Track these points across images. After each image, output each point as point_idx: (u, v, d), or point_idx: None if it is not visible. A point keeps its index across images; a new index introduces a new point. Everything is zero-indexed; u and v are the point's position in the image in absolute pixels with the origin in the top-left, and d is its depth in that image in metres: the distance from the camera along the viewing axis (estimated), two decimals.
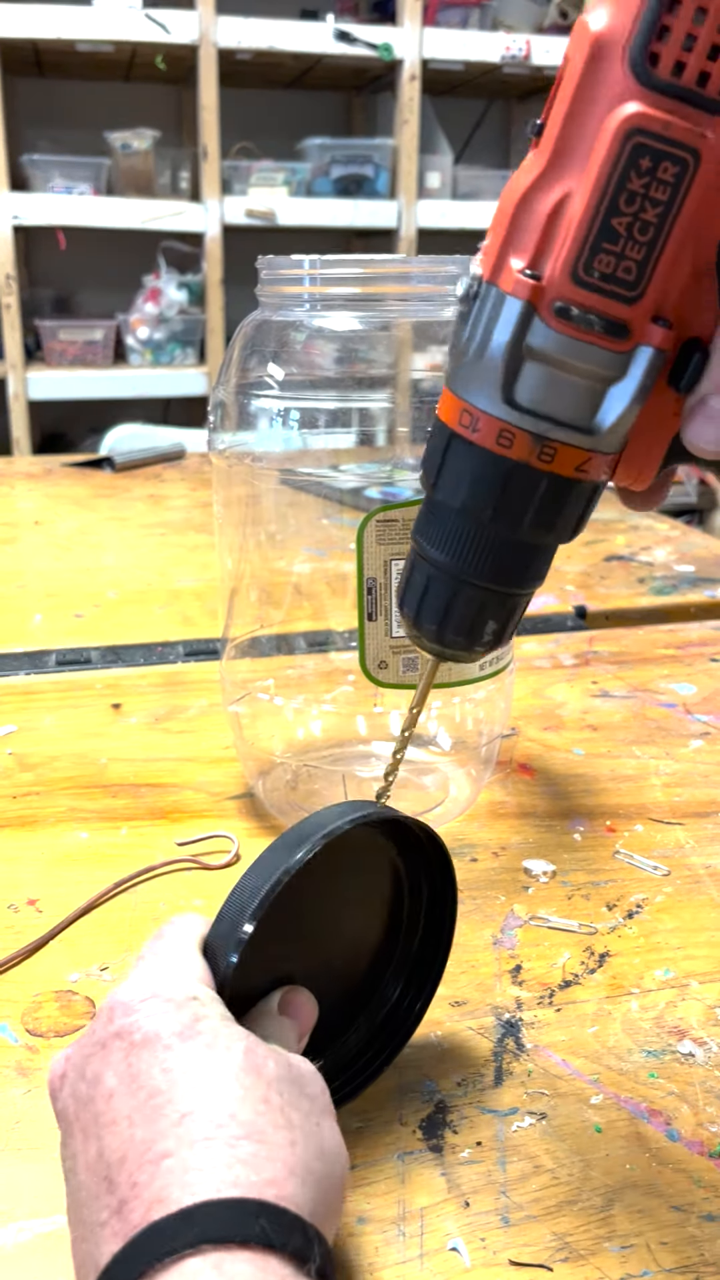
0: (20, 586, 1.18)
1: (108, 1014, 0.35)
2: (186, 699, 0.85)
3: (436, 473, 0.36)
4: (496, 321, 0.33)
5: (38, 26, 2.63)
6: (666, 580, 1.18)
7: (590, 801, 0.70)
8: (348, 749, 0.74)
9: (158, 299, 3.03)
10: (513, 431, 0.33)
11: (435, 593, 0.38)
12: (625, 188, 0.30)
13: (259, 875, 0.39)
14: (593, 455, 0.34)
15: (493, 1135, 0.44)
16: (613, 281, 0.31)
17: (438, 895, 0.47)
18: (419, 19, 2.85)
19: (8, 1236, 0.39)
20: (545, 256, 0.32)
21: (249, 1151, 0.31)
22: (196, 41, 2.73)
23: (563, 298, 0.32)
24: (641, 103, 0.29)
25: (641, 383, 0.33)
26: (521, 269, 0.32)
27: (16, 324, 2.83)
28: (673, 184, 0.30)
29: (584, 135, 0.31)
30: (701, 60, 0.29)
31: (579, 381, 0.33)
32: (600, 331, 0.32)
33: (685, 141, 0.29)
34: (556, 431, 0.33)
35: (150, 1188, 0.30)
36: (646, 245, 0.31)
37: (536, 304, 0.32)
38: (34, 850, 0.64)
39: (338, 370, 0.64)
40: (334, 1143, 0.35)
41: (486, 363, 0.33)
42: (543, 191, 0.32)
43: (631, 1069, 0.47)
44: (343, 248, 3.33)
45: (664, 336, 0.32)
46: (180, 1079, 0.33)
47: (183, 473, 1.78)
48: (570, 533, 0.36)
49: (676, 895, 0.60)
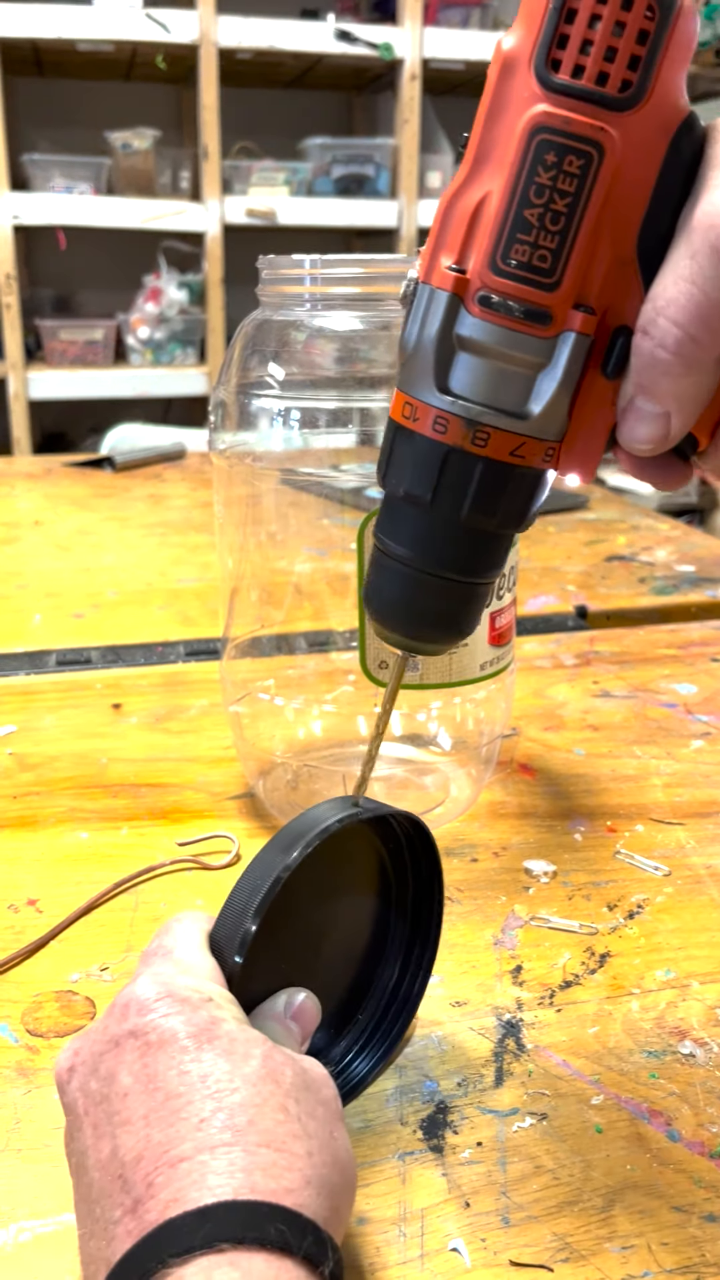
0: (20, 586, 1.18)
1: (121, 1012, 0.35)
2: (187, 699, 0.85)
3: (385, 465, 0.38)
4: (429, 315, 0.34)
5: (38, 26, 2.63)
6: (667, 580, 1.18)
7: (591, 802, 0.70)
8: (348, 749, 0.74)
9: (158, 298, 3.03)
10: (447, 417, 0.35)
11: (394, 586, 0.38)
12: (534, 181, 0.32)
13: (257, 874, 0.39)
14: (527, 440, 0.35)
15: (493, 1136, 0.44)
16: (530, 270, 0.33)
17: (423, 880, 0.47)
18: (419, 18, 2.85)
19: (8, 1237, 0.39)
20: (469, 251, 0.34)
21: (268, 1159, 0.31)
22: (197, 41, 2.73)
23: (485, 287, 0.34)
24: (546, 104, 0.32)
25: (567, 368, 0.34)
26: (449, 265, 0.34)
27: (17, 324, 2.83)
28: (579, 176, 0.32)
29: (499, 139, 0.33)
30: (599, 62, 0.31)
31: (507, 368, 0.34)
32: (522, 318, 0.33)
33: (588, 136, 0.31)
34: (488, 416, 0.35)
35: (167, 1188, 0.30)
36: (559, 234, 0.32)
37: (462, 295, 0.34)
38: (34, 850, 0.64)
39: (338, 370, 0.64)
40: (346, 1151, 0.35)
41: (422, 355, 0.35)
42: (466, 193, 0.34)
43: (632, 1069, 0.47)
44: (343, 247, 3.33)
45: (586, 322, 0.34)
46: (198, 1083, 0.33)
47: (183, 472, 1.78)
48: (517, 520, 0.37)
49: (677, 895, 0.60)
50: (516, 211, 0.32)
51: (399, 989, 0.48)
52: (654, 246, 0.33)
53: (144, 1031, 0.34)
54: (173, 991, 0.35)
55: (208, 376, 3.01)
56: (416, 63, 2.88)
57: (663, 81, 0.32)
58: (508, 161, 0.32)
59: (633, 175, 0.32)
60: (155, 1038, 0.34)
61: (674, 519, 1.47)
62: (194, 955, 0.38)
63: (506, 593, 0.63)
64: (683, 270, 0.32)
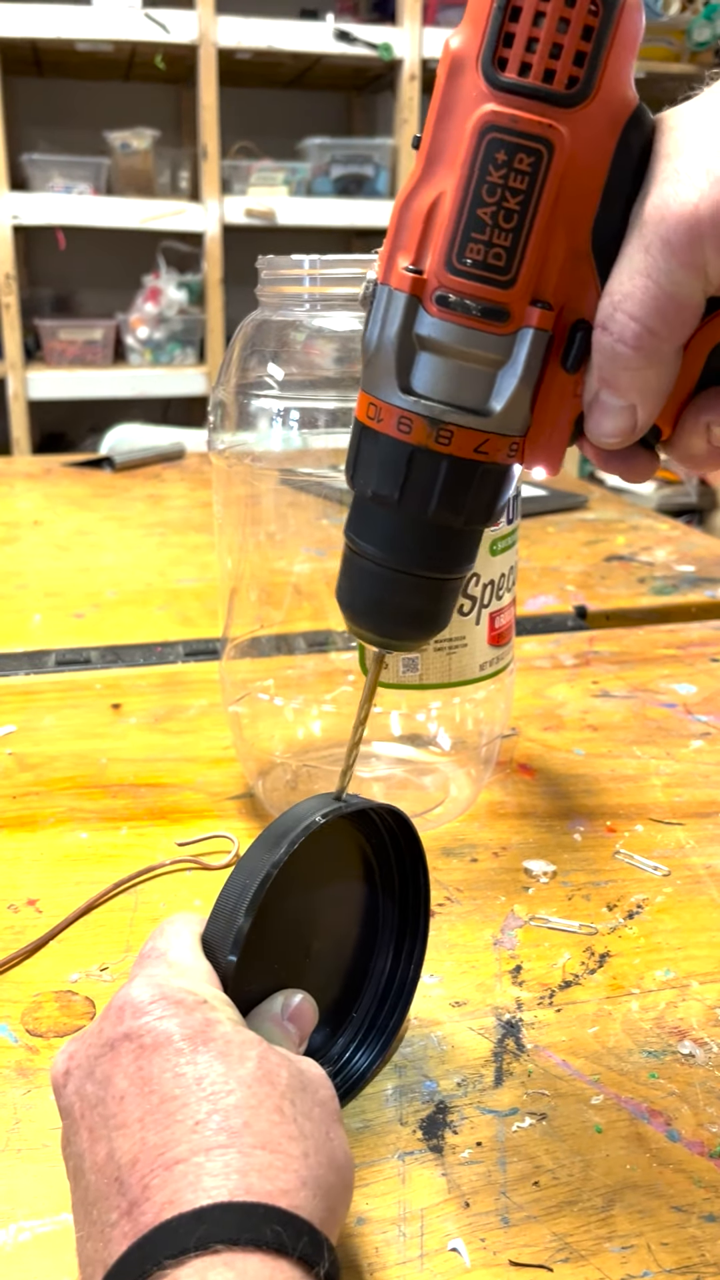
0: (20, 586, 1.18)
1: (116, 1014, 0.35)
2: (186, 699, 0.85)
3: (353, 466, 0.38)
4: (389, 316, 0.35)
5: (37, 26, 2.63)
6: (667, 580, 1.18)
7: (590, 802, 0.70)
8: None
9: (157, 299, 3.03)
10: (410, 417, 0.35)
11: (366, 584, 0.39)
12: (486, 180, 0.32)
13: (246, 873, 0.39)
14: (491, 436, 0.35)
15: (493, 1136, 0.44)
16: (485, 268, 0.33)
17: (408, 872, 0.47)
18: (418, 18, 2.85)
19: (8, 1237, 0.39)
20: (425, 251, 0.34)
21: (264, 1161, 0.31)
22: (196, 41, 2.73)
23: (442, 286, 0.34)
24: (494, 103, 0.32)
25: (527, 363, 0.34)
26: (406, 266, 0.34)
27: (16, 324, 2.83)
28: (530, 173, 0.32)
29: (450, 140, 0.33)
30: (545, 59, 0.31)
31: (468, 366, 0.34)
32: (479, 316, 0.34)
33: (537, 134, 0.31)
34: (451, 414, 0.35)
35: (163, 1190, 0.30)
36: (513, 232, 0.32)
37: (420, 295, 0.34)
38: (34, 850, 0.64)
39: (337, 370, 0.64)
40: (343, 1152, 0.35)
41: (383, 356, 0.35)
42: (419, 194, 0.34)
43: (632, 1069, 0.47)
44: (343, 247, 3.33)
45: (543, 317, 0.34)
46: (194, 1085, 0.33)
47: (182, 472, 1.78)
48: (484, 515, 0.37)
49: (677, 895, 0.60)
50: (470, 211, 0.33)
51: (392, 980, 0.48)
52: (608, 240, 0.33)
53: (139, 1034, 0.34)
54: (167, 994, 0.35)
55: (207, 376, 3.01)
56: (416, 63, 2.88)
57: (609, 76, 0.31)
58: (459, 161, 0.33)
59: (583, 170, 0.32)
60: (150, 1040, 0.34)
61: (673, 519, 1.47)
62: (188, 957, 0.38)
63: (506, 593, 0.63)
64: (637, 264, 0.32)
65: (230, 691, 0.72)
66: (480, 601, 0.61)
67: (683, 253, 0.31)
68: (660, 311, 0.32)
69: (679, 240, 0.31)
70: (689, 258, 0.31)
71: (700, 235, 0.31)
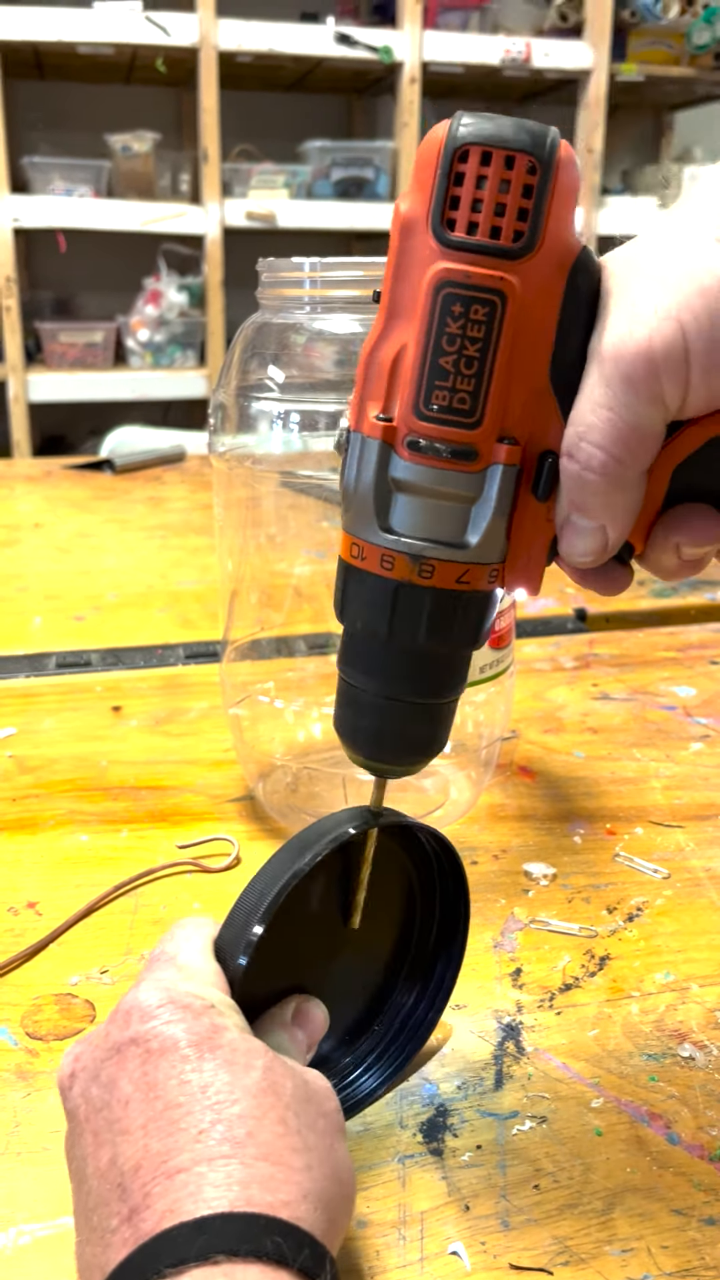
0: (20, 589, 1.18)
1: (123, 1018, 0.35)
2: (187, 701, 0.85)
3: (341, 603, 0.39)
4: (364, 462, 0.36)
5: (38, 29, 2.64)
6: (666, 583, 1.18)
7: (590, 804, 0.70)
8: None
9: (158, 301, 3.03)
10: (392, 555, 0.37)
11: (364, 715, 0.40)
12: (445, 331, 0.34)
13: (267, 878, 0.39)
14: (471, 567, 0.37)
15: (493, 1139, 0.44)
16: (451, 412, 0.35)
17: (450, 901, 0.47)
18: (419, 21, 2.86)
19: (7, 1240, 0.39)
20: (393, 400, 0.36)
21: (265, 1172, 0.31)
22: (197, 44, 2.74)
23: (412, 432, 0.35)
24: (446, 260, 0.33)
25: (499, 497, 0.36)
26: (376, 414, 0.36)
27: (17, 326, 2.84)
28: (486, 322, 0.33)
29: (408, 295, 0.35)
30: (490, 218, 0.33)
31: (443, 504, 0.36)
32: (450, 457, 0.35)
33: (489, 286, 0.33)
34: (431, 550, 0.36)
35: (164, 1199, 0.30)
36: (474, 377, 0.34)
37: (391, 441, 0.36)
38: (34, 853, 0.64)
39: (338, 373, 0.64)
40: (346, 1165, 0.35)
41: (362, 499, 0.36)
42: (383, 346, 0.35)
43: (632, 1072, 0.47)
44: (343, 250, 3.33)
45: (511, 453, 0.35)
46: (198, 1093, 0.33)
47: (183, 475, 1.78)
48: (471, 640, 0.39)
49: (677, 898, 0.60)
50: (432, 360, 0.34)
51: (415, 1010, 0.47)
52: (566, 375, 0.35)
53: (145, 1039, 0.34)
54: (174, 998, 0.35)
55: (207, 379, 3.01)
56: (416, 66, 2.88)
57: (553, 226, 0.33)
58: (418, 315, 0.34)
59: (536, 314, 0.34)
60: (157, 1045, 0.34)
61: None
62: (197, 960, 0.38)
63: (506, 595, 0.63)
64: (598, 397, 0.34)
65: (231, 694, 0.72)
66: None
67: (641, 386, 0.33)
68: (623, 440, 0.34)
69: (637, 374, 0.33)
70: (647, 390, 0.33)
71: (656, 369, 0.32)
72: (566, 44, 2.99)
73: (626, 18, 3.03)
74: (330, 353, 0.64)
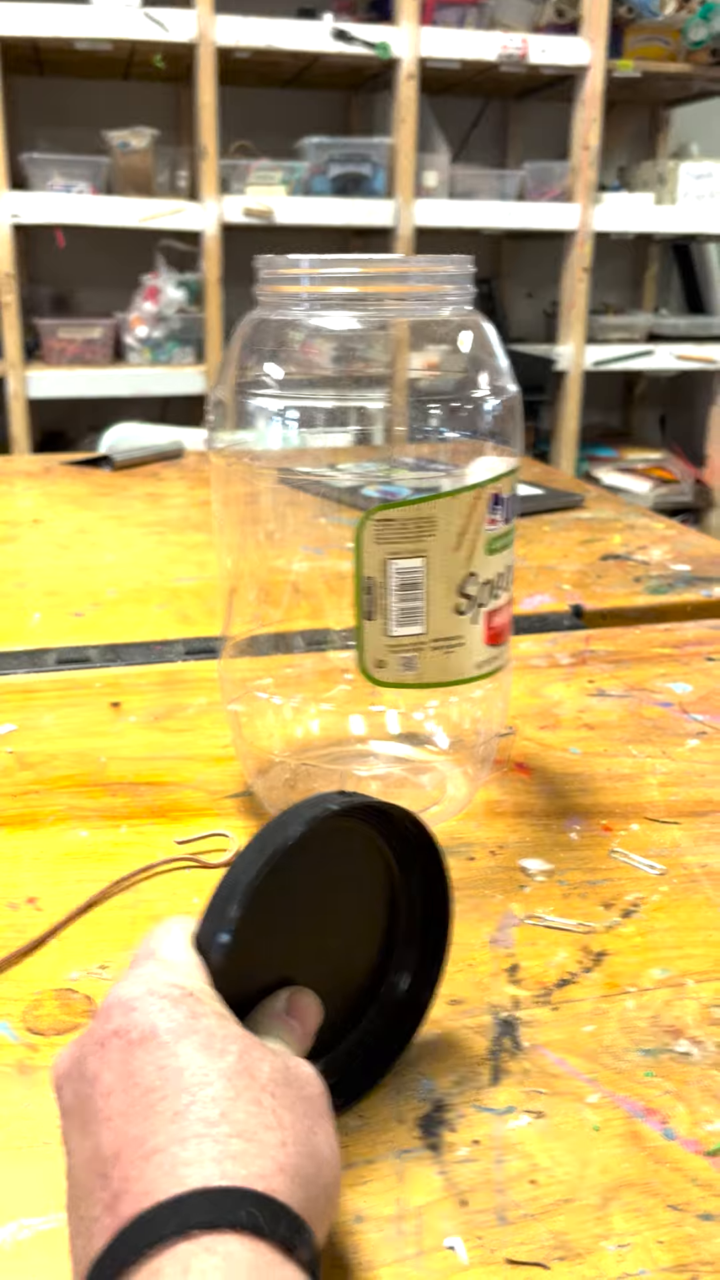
0: (19, 585, 1.18)
1: (106, 1013, 0.36)
2: (185, 697, 0.85)
3: None
4: None
5: (37, 25, 2.63)
6: (663, 579, 1.18)
7: (587, 800, 0.70)
8: (346, 748, 0.74)
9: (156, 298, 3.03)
10: None
11: None
12: None
13: (241, 865, 0.39)
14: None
15: (490, 1134, 0.44)
16: None
17: (430, 881, 0.47)
18: (416, 18, 2.85)
19: (8, 1234, 0.39)
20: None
21: (239, 1148, 0.31)
22: (195, 40, 2.73)
23: None
24: None
25: None
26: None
27: (15, 323, 2.83)
28: None
29: None
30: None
31: None
32: None
33: None
34: None
35: (140, 1181, 0.31)
36: None
37: None
38: (33, 849, 0.64)
39: (336, 369, 0.64)
40: (327, 1147, 0.35)
41: None
42: None
43: (628, 1068, 0.47)
44: (341, 246, 3.32)
45: None
46: (174, 1077, 0.33)
47: (181, 471, 1.78)
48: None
49: (673, 894, 0.60)
50: None
51: (405, 997, 0.47)
52: None
53: (126, 1030, 0.35)
54: (154, 989, 0.36)
55: (205, 375, 3.01)
56: (413, 62, 2.88)
57: None
58: None
59: None
60: (137, 1035, 0.34)
61: (669, 518, 1.48)
62: (177, 953, 0.38)
63: (503, 592, 0.63)
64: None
65: (229, 690, 0.72)
66: (477, 601, 0.61)
67: None
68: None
69: None
70: None
71: None
72: (563, 40, 2.98)
73: (623, 14, 3.02)
74: (328, 349, 0.64)
